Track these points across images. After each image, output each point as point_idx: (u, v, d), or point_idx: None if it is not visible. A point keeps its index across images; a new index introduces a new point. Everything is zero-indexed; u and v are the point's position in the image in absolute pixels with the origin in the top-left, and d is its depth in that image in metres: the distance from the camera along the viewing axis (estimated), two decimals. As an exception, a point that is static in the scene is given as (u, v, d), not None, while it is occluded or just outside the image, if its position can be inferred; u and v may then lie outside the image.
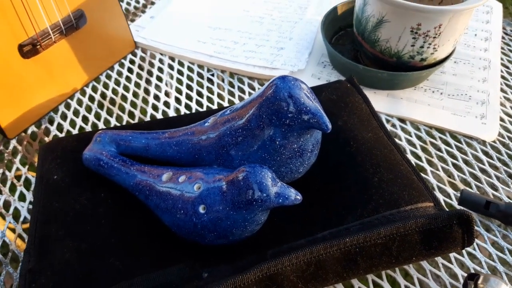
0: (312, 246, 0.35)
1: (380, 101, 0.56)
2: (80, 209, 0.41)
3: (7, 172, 0.49)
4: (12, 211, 0.46)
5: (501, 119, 0.56)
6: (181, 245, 0.38)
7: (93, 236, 0.39)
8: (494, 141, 0.53)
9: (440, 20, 0.49)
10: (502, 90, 0.60)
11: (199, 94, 0.58)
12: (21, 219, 0.45)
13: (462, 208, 0.43)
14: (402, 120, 0.55)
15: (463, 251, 0.42)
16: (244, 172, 0.34)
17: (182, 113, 0.56)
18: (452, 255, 0.42)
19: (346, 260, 0.36)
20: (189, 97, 0.58)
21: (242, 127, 0.38)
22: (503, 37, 0.69)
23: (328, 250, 0.35)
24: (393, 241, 0.36)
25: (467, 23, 0.53)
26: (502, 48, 0.67)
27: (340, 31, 0.65)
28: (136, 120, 0.55)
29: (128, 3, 0.74)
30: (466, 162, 0.51)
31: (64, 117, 0.55)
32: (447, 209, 0.40)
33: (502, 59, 0.65)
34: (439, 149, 0.52)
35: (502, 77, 0.62)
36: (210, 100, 0.57)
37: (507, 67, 0.63)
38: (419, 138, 0.53)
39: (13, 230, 0.44)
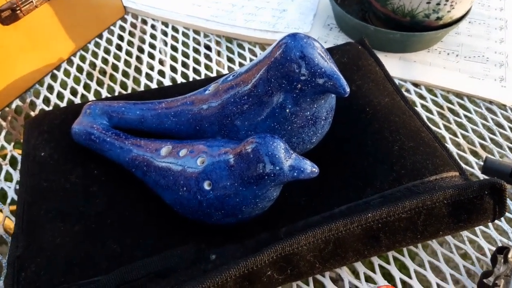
0: (331, 223, 0.32)
1: (392, 65, 0.52)
2: (71, 187, 0.37)
3: (-10, 151, 0.45)
4: (-3, 192, 0.42)
5: (522, 82, 0.52)
6: (185, 225, 0.34)
7: (87, 217, 0.35)
8: (515, 105, 0.49)
9: (460, -28, 0.45)
10: (521, 50, 0.56)
11: (196, 61, 0.54)
12: (8, 200, 0.41)
13: (491, 177, 0.40)
14: (416, 85, 0.51)
15: (490, 224, 0.39)
16: (253, 143, 0.30)
17: (179, 82, 0.51)
18: (478, 228, 0.39)
19: (367, 237, 0.33)
20: (185, 65, 0.54)
21: (248, 93, 0.34)
22: (519, -5, 0.64)
23: (348, 227, 0.32)
24: (419, 215, 0.33)
25: (487, -24, 0.48)
26: (518, 6, 0.62)
27: (346, -10, 0.60)
28: (129, 91, 0.51)
29: (115, -34, 0.68)
30: (487, 128, 0.47)
31: (50, 89, 0.51)
32: (477, 180, 0.37)
33: (519, 17, 0.60)
34: (458, 115, 0.48)
35: (521, 36, 0.58)
36: (208, 67, 0.53)
37: (525, 26, 0.59)
38: (435, 103, 0.49)
39: (1, 212, 0.40)
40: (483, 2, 0.61)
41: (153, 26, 0.58)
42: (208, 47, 0.55)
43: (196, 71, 0.53)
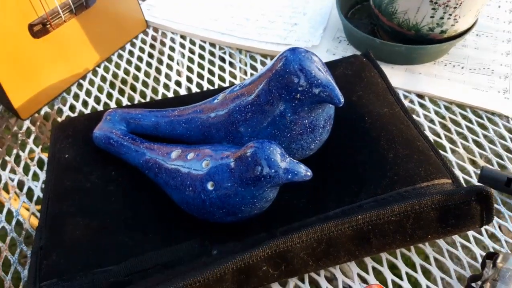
0: (323, 223, 0.34)
1: (398, 76, 0.54)
2: (90, 186, 0.41)
3: (21, 153, 0.49)
4: (26, 190, 0.46)
5: (526, 94, 0.53)
6: (190, 222, 0.37)
7: (104, 213, 0.39)
8: (518, 117, 0.51)
9: (461, -11, 0.47)
10: (527, 63, 0.57)
11: (211, 72, 0.57)
12: (35, 198, 0.45)
13: (480, 184, 0.41)
14: (420, 96, 0.53)
15: (483, 230, 0.40)
16: (252, 148, 0.33)
17: (194, 91, 0.55)
18: (471, 234, 0.40)
19: (358, 238, 0.35)
20: (200, 76, 0.57)
21: (252, 102, 0.37)
22: (529, 8, 0.65)
23: (339, 228, 0.34)
24: (408, 219, 0.35)
25: (490, -9, 0.50)
26: (528, 19, 0.63)
27: (357, 5, 0.62)
28: (148, 100, 0.54)
29: (140, -18, 0.73)
30: (488, 139, 0.49)
31: (76, 97, 0.55)
32: (465, 186, 0.38)
33: (528, 31, 0.61)
34: (459, 125, 0.50)
35: (528, 49, 0.59)
36: (221, 78, 0.56)
37: (534, 39, 0.60)
38: (437, 114, 0.51)
39: (28, 210, 0.44)
40: (491, 15, 0.63)
41: (172, 39, 0.62)
42: (222, 59, 0.59)
43: (210, 81, 0.56)
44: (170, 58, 0.60)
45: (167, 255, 0.35)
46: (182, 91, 0.55)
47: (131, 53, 0.61)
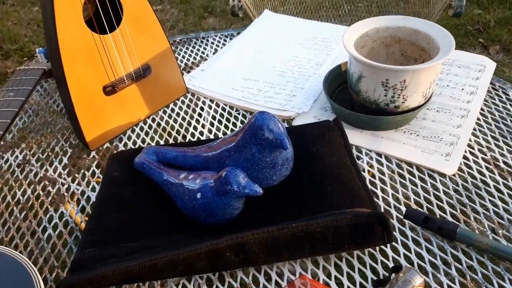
0: (269, 227, 0.51)
1: (364, 138, 0.71)
2: (126, 194, 0.61)
3: (86, 172, 0.71)
4: (85, 197, 0.67)
5: (465, 158, 0.67)
6: (187, 221, 0.55)
7: (131, 212, 0.58)
8: (454, 175, 0.64)
9: (403, 76, 0.64)
10: (474, 134, 0.71)
11: (226, 126, 0.77)
12: (90, 202, 0.65)
13: (380, 210, 0.55)
14: (379, 154, 0.69)
15: (401, 253, 0.54)
16: (225, 171, 0.51)
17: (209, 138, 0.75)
18: (391, 254, 0.54)
19: (294, 241, 0.51)
20: (218, 129, 0.77)
21: (234, 145, 0.56)
22: (489, 91, 0.80)
23: (280, 231, 0.51)
24: (329, 230, 0.51)
25: (432, 78, 0.66)
26: (485, 100, 0.78)
27: (344, 84, 0.81)
28: (175, 141, 0.75)
29: (188, 59, 0.97)
30: (424, 189, 0.63)
31: (129, 137, 0.77)
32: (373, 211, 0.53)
33: (482, 109, 0.76)
34: (404, 177, 0.65)
35: (478, 124, 0.73)
36: (232, 131, 0.76)
37: (485, 116, 0.75)
38: (389, 168, 0.66)
39: (83, 210, 0.64)
40: (455, 95, 0.78)
41: (203, 102, 0.84)
42: (236, 118, 0.79)
43: (224, 132, 0.76)
44: (199, 115, 0.81)
45: (166, 241, 0.53)
46: (202, 137, 0.75)
47: (172, 110, 0.83)
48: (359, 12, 1.68)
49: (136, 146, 0.76)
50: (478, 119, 0.74)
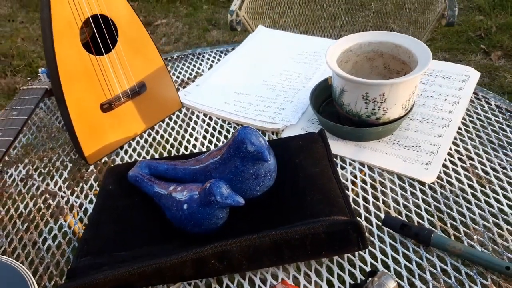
0: (251, 235, 0.54)
1: (348, 149, 0.74)
2: (121, 206, 0.64)
3: (84, 186, 0.75)
4: (83, 209, 0.71)
5: (445, 166, 0.70)
6: (175, 232, 0.59)
7: (125, 223, 0.62)
8: (433, 183, 0.67)
9: (382, 90, 0.67)
10: (455, 143, 0.74)
11: (218, 139, 0.81)
12: (85, 221, 0.69)
13: (354, 218, 0.58)
14: (362, 164, 0.72)
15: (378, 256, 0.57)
16: (209, 183, 0.55)
17: (201, 151, 0.78)
18: (369, 259, 0.57)
19: (274, 248, 0.54)
20: (210, 142, 0.81)
21: (219, 158, 0.60)
22: (472, 101, 0.82)
23: (261, 239, 0.54)
24: (307, 237, 0.54)
25: (410, 90, 0.69)
26: (468, 110, 0.80)
27: (331, 97, 0.84)
28: (169, 154, 0.79)
29: (184, 75, 1.01)
30: (403, 197, 0.66)
31: (126, 151, 0.81)
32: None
33: (464, 119, 0.78)
34: (385, 186, 0.68)
35: (459, 133, 0.76)
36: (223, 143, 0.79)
37: (467, 126, 0.77)
38: (371, 177, 0.69)
39: (81, 220, 0.68)
40: (437, 106, 0.81)
41: (197, 116, 0.88)
42: (228, 131, 0.82)
43: (215, 145, 0.80)
44: (193, 129, 0.85)
45: (157, 249, 0.57)
46: (195, 150, 0.79)
47: (168, 124, 0.87)
48: (356, 23, 1.72)
49: (132, 160, 0.80)
50: (460, 128, 0.77)
